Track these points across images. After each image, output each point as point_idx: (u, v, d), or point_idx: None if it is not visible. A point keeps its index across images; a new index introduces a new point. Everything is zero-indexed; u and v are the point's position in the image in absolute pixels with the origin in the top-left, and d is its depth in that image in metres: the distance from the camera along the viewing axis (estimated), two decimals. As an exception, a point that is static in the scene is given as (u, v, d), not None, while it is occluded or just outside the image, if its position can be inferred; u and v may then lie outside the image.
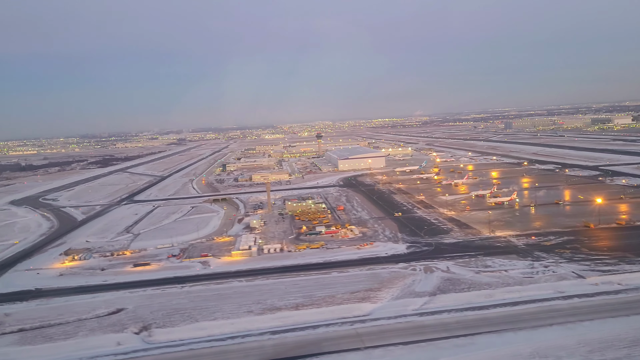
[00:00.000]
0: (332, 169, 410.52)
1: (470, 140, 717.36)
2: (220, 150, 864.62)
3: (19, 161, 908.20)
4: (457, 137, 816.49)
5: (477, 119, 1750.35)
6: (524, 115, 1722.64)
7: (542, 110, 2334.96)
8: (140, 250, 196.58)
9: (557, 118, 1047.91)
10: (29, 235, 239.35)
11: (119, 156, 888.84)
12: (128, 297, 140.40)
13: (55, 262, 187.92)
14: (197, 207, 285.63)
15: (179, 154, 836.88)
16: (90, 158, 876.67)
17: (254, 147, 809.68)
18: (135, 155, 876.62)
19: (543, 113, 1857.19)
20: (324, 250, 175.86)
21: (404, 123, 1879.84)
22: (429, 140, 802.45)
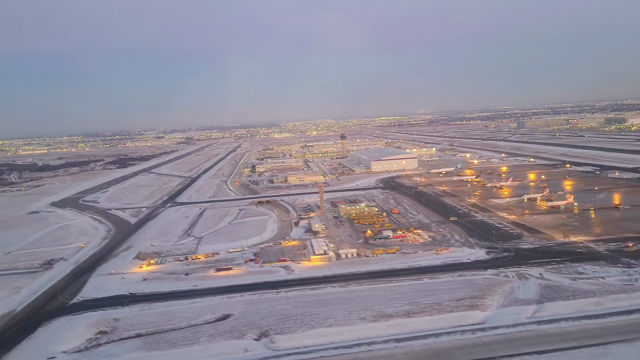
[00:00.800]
0: (364, 170, 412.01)
1: (487, 140, 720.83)
2: (234, 150, 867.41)
3: (34, 161, 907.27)
4: (472, 137, 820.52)
5: (482, 118, 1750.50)
6: (530, 114, 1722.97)
7: (544, 108, 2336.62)
8: (212, 254, 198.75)
9: (568, 117, 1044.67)
10: (91, 238, 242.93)
11: (133, 156, 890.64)
12: (229, 303, 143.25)
13: (131, 266, 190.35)
14: (245, 210, 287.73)
15: (194, 154, 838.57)
16: (105, 158, 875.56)
17: (271, 147, 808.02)
18: (150, 155, 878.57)
19: (547, 111, 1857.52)
20: (402, 255, 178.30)
21: (409, 122, 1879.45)
22: (443, 139, 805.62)
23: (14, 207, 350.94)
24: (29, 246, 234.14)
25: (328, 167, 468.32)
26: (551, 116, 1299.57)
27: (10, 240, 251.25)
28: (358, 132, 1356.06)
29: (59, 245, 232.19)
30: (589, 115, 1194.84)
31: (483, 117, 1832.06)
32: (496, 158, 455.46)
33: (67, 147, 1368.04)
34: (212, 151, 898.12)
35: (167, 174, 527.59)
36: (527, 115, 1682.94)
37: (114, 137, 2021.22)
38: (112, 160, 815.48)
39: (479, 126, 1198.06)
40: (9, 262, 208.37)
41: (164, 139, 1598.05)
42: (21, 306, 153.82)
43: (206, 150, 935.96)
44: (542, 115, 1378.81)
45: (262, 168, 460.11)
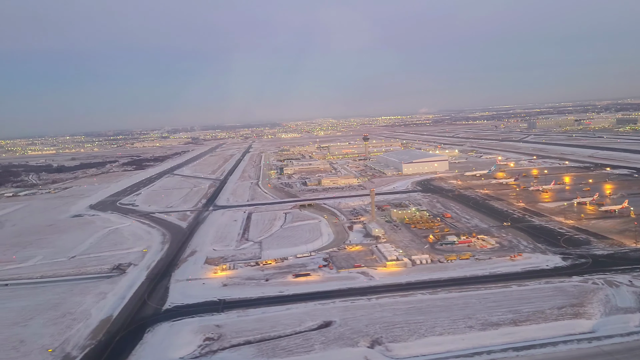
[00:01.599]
0: (395, 172, 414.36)
1: (503, 141, 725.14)
2: (248, 151, 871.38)
3: (47, 162, 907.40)
4: (486, 137, 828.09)
5: (485, 117, 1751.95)
6: (534, 114, 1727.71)
7: (544, 107, 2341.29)
8: (282, 259, 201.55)
9: (579, 118, 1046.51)
10: (149, 243, 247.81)
11: (145, 157, 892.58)
12: (324, 310, 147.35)
13: (205, 271, 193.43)
14: (292, 214, 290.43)
15: (208, 155, 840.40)
16: (119, 159, 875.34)
17: (287, 148, 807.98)
18: (163, 156, 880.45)
19: (550, 111, 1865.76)
20: (476, 262, 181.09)
21: (414, 121, 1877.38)
22: (457, 140, 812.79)
23: (54, 211, 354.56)
24: (89, 250, 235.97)
25: (355, 169, 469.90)
26: (557, 116, 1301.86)
27: (67, 244, 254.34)
28: (365, 132, 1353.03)
29: (120, 250, 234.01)
30: (595, 115, 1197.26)
31: (486, 116, 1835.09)
32: (525, 160, 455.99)
33: (75, 147, 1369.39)
34: (225, 152, 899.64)
35: (192, 176, 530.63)
36: (532, 114, 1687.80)
37: (117, 137, 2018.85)
38: (127, 162, 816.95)
39: (487, 126, 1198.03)
40: (77, 267, 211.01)
41: (169, 139, 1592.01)
42: (116, 311, 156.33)
43: (218, 151, 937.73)
44: (547, 115, 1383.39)
45: (289, 170, 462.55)
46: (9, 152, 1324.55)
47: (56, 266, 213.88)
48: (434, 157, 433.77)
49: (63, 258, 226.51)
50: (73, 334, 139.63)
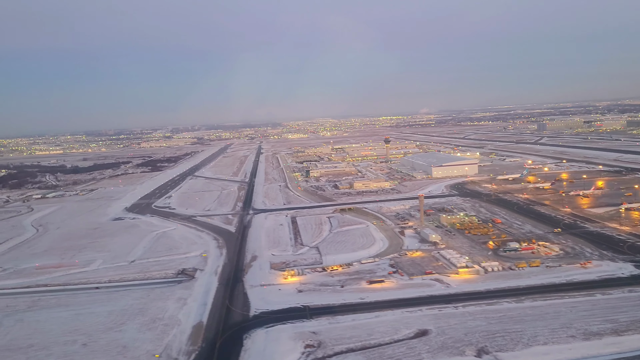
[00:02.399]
0: (425, 176, 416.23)
1: (518, 143, 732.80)
2: (260, 153, 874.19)
3: (59, 162, 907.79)
4: (499, 139, 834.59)
5: (488, 118, 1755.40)
6: (535, 114, 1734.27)
7: (544, 108, 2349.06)
8: (347, 265, 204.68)
9: (588, 119, 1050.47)
10: (204, 247, 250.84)
11: (157, 158, 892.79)
12: (414, 317, 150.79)
13: (274, 277, 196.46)
14: (336, 218, 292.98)
15: (221, 156, 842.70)
16: (132, 160, 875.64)
17: (302, 149, 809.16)
18: (174, 157, 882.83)
19: (551, 112, 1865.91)
20: (548, 269, 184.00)
21: (417, 122, 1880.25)
22: (469, 141, 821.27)
23: (92, 214, 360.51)
24: (147, 255, 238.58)
25: (380, 172, 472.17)
26: (560, 117, 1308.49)
27: (121, 248, 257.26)
28: (370, 133, 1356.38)
29: (177, 255, 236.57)
30: (600, 116, 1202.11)
31: (488, 117, 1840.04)
32: (551, 163, 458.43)
33: (81, 147, 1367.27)
34: (237, 153, 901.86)
35: (215, 177, 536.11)
36: (534, 115, 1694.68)
37: (119, 137, 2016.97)
38: (141, 163, 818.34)
39: (495, 127, 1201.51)
40: (142, 272, 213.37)
41: (174, 139, 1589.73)
42: (204, 317, 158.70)
43: (229, 152, 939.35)
44: (552, 117, 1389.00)
45: (316, 173, 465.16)
46: (15, 152, 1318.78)
47: (120, 270, 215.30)
48: (464, 161, 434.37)
49: (123, 262, 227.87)
50: (172, 340, 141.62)
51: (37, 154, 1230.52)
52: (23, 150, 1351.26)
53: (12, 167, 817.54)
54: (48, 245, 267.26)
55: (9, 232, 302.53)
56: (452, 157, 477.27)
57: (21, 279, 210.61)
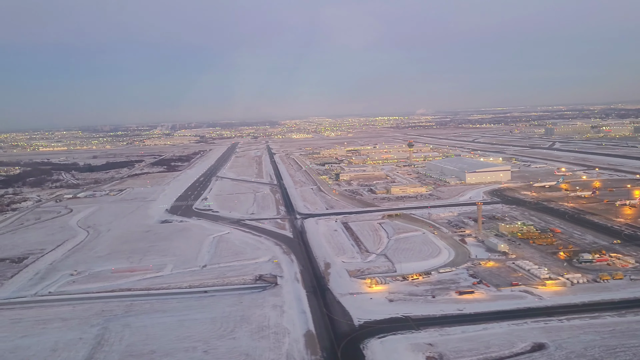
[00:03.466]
0: (458, 181, 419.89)
1: (533, 148, 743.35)
2: (273, 153, 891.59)
3: (68, 159, 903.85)
4: (510, 144, 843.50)
5: (487, 120, 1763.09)
6: (533, 117, 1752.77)
7: (538, 111, 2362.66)
8: (426, 274, 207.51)
9: (595, 124, 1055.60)
10: (270, 253, 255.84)
11: (168, 157, 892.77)
12: (523, 330, 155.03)
13: (358, 285, 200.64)
14: (389, 224, 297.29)
15: (235, 156, 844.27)
16: (143, 158, 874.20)
17: (318, 150, 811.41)
18: (185, 156, 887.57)
19: (547, 115, 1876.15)
20: (634, 282, 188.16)
21: (416, 123, 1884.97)
22: (480, 145, 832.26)
23: (134, 215, 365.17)
24: (215, 260, 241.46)
25: (408, 176, 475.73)
26: (558, 121, 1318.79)
27: (185, 252, 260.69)
28: (375, 134, 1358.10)
29: (245, 260, 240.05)
30: (600, 121, 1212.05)
31: (488, 119, 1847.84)
32: (578, 170, 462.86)
33: (83, 144, 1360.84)
34: (248, 153, 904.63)
35: (240, 179, 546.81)
36: (532, 118, 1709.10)
37: (116, 133, 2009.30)
38: (154, 162, 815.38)
39: (501, 130, 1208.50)
40: (219, 277, 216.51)
41: (174, 137, 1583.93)
42: (310, 326, 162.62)
43: (239, 152, 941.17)
44: (554, 121, 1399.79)
45: (345, 177, 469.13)
46: (17, 148, 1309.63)
47: (197, 276, 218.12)
48: (499, 167, 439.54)
49: (195, 267, 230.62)
50: (290, 349, 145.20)
51: (41, 150, 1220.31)
52: (24, 146, 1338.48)
53: (22, 164, 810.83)
54: (109, 248, 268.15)
55: (61, 234, 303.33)
56: (482, 162, 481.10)
57: (100, 283, 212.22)
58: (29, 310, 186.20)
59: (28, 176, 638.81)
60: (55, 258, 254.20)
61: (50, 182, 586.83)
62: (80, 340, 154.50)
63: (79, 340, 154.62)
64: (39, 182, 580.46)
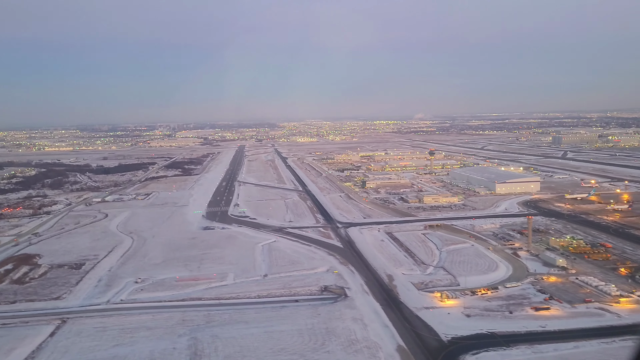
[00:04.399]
0: (487, 191, 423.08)
1: (547, 157, 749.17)
2: (285, 157, 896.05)
3: (77, 160, 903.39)
4: (521, 152, 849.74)
5: (486, 127, 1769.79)
6: (534, 124, 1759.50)
7: (534, 118, 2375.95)
8: (494, 289, 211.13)
9: (602, 133, 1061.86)
10: (329, 263, 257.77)
11: (179, 159, 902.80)
12: (614, 349, 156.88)
13: (430, 300, 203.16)
14: (435, 236, 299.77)
15: (247, 160, 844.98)
16: (155, 160, 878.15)
17: (331, 156, 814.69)
18: (196, 159, 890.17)
19: (545, 122, 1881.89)
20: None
21: (418, 128, 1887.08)
22: (492, 153, 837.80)
23: (173, 221, 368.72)
24: (274, 270, 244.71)
25: (433, 185, 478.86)
26: (558, 129, 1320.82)
27: (240, 261, 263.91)
28: (380, 139, 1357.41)
29: (304, 270, 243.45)
30: (601, 129, 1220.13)
31: (487, 126, 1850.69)
32: (605, 182, 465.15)
33: (88, 144, 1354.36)
34: (259, 157, 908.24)
35: (262, 184, 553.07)
36: (530, 124, 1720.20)
37: (115, 133, 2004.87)
38: (167, 164, 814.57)
39: (505, 137, 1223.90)
40: (284, 288, 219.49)
41: (177, 138, 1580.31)
42: (398, 340, 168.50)
43: (250, 155, 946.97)
44: (554, 128, 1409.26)
45: (372, 184, 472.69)
46: (22, 147, 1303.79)
47: (262, 286, 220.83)
48: (530, 178, 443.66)
49: (257, 277, 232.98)
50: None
51: (47, 150, 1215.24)
52: (28, 146, 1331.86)
53: (34, 165, 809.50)
54: (161, 255, 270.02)
55: (106, 239, 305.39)
56: (510, 173, 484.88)
57: (169, 292, 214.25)
58: (109, 318, 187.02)
59: (44, 177, 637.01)
60: (111, 265, 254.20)
61: (69, 184, 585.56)
62: (174, 350, 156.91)
63: (173, 350, 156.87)
64: (58, 184, 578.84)
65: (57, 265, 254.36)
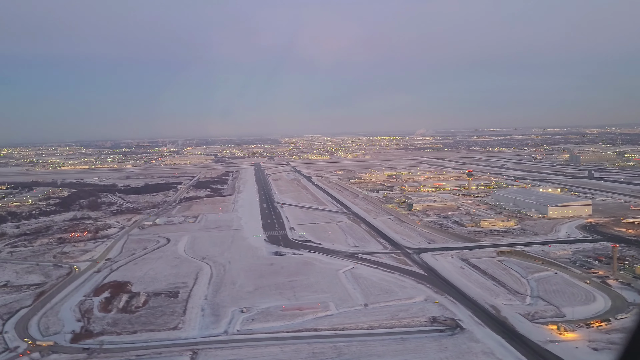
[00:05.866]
0: (538, 215, 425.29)
1: (576, 177, 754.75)
2: (309, 176, 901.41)
3: (100, 179, 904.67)
4: (541, 170, 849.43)
5: (493, 143, 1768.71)
6: (535, 140, 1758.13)
7: (534, 133, 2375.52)
8: (605, 320, 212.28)
9: (622, 151, 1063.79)
10: (423, 293, 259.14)
11: (202, 179, 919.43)
12: None
13: (548, 331, 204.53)
14: (511, 262, 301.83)
15: (271, 179, 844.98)
16: (180, 180, 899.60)
17: (358, 175, 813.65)
18: (218, 178, 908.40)
19: (550, 139, 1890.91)
20: None
21: (425, 145, 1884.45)
22: (515, 173, 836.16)
23: (238, 246, 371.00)
24: (372, 299, 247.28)
25: (478, 207, 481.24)
26: (567, 146, 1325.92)
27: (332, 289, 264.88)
28: (392, 157, 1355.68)
29: (402, 300, 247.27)
30: (611, 147, 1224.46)
31: (494, 142, 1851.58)
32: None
33: (102, 163, 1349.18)
34: (280, 175, 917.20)
35: (303, 206, 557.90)
36: (535, 141, 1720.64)
37: (121, 150, 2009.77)
38: (193, 185, 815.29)
39: (519, 155, 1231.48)
40: (392, 318, 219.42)
41: (187, 155, 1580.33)
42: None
43: (271, 174, 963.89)
44: (560, 145, 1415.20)
45: (418, 207, 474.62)
46: (38, 165, 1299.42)
47: (369, 316, 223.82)
48: (583, 201, 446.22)
49: (358, 306, 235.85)
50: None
51: (63, 168, 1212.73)
52: (41, 164, 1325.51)
53: (59, 185, 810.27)
54: (249, 282, 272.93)
55: (183, 266, 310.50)
56: (558, 196, 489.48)
57: (281, 322, 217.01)
58: (239, 350, 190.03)
59: (78, 198, 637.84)
60: (205, 293, 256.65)
61: (105, 205, 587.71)
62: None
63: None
64: (95, 206, 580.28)
65: (153, 293, 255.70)
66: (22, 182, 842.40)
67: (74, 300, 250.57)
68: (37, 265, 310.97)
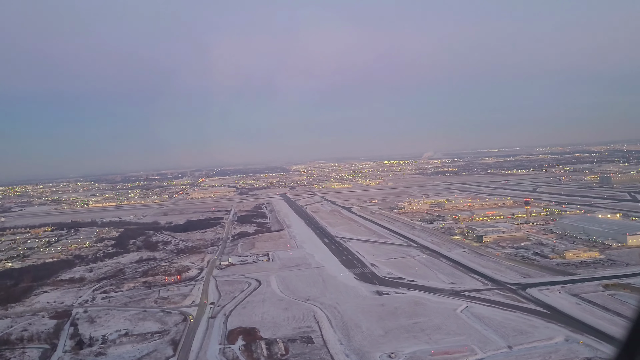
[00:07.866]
0: (616, 244, 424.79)
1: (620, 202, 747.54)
2: (349, 207, 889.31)
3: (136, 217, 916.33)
4: (579, 194, 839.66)
5: (502, 164, 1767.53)
6: (546, 160, 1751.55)
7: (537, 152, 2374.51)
8: None
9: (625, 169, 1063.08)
10: (563, 333, 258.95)
11: (240, 213, 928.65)
12: None
13: None
14: (625, 296, 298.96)
15: (309, 210, 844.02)
16: (221, 216, 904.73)
17: (399, 204, 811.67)
18: (254, 212, 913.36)
19: (556, 158, 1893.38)
20: None
21: (439, 168, 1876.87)
22: (542, 196, 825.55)
23: (333, 285, 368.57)
24: (511, 340, 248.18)
25: (545, 236, 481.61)
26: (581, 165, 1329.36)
27: (464, 331, 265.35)
28: (413, 183, 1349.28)
29: (542, 340, 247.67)
30: (628, 165, 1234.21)
31: (503, 163, 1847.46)
32: None
33: (126, 199, 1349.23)
34: (315, 206, 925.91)
35: (363, 239, 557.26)
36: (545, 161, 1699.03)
37: (134, 183, 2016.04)
38: (235, 219, 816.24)
39: (544, 177, 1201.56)
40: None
41: (206, 188, 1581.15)
42: None
43: (304, 205, 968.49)
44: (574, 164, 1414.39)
45: (489, 238, 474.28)
46: (63, 204, 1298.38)
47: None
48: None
49: (502, 349, 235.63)
50: None
51: (92, 206, 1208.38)
52: (67, 202, 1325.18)
53: (100, 225, 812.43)
54: (374, 326, 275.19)
55: (294, 309, 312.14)
56: (630, 223, 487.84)
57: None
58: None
59: (129, 238, 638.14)
60: (336, 337, 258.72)
61: (161, 245, 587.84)
62: None
63: None
64: (152, 246, 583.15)
65: (287, 339, 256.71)
66: (61, 222, 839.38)
67: (213, 349, 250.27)
68: (145, 312, 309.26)
